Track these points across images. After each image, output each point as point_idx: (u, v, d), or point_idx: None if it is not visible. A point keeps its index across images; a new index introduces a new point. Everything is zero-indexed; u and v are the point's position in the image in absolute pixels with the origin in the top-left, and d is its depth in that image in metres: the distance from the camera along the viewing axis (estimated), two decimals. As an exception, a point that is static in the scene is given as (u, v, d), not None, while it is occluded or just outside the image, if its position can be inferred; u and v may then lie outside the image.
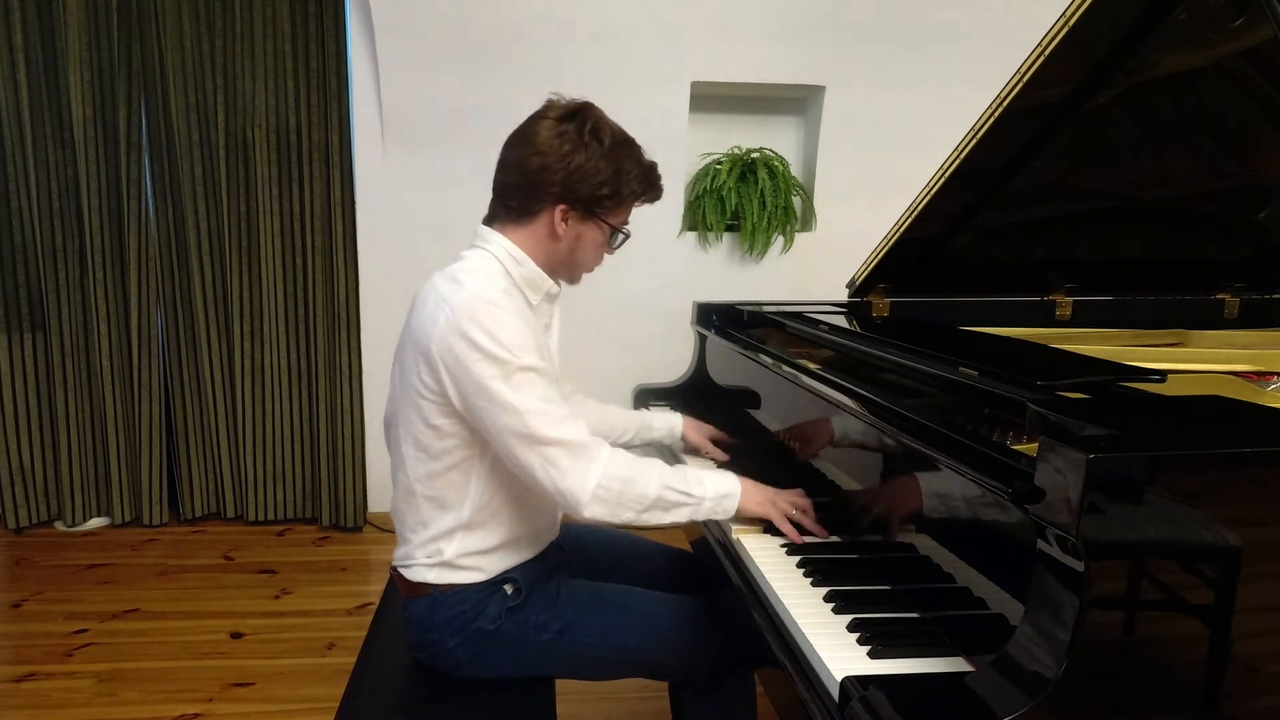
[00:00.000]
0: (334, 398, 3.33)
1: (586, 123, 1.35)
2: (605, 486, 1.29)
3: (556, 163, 1.33)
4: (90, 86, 3.02)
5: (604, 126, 1.36)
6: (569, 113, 1.36)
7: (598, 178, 1.34)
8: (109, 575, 2.98)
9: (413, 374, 1.34)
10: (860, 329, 1.83)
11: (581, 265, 1.46)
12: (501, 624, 1.41)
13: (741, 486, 1.41)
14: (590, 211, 1.38)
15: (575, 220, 1.38)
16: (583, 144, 1.33)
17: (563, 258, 1.42)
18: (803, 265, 3.34)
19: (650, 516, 1.33)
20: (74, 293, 3.18)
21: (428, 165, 3.19)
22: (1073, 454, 0.84)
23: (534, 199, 1.36)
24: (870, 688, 0.94)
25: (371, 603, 2.75)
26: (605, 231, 1.42)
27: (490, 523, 1.41)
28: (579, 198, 1.35)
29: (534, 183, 1.34)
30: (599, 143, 1.34)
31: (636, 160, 1.40)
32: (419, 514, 1.41)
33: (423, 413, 1.34)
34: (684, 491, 1.35)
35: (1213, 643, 0.90)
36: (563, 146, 1.33)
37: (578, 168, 1.33)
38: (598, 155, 1.34)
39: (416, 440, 1.37)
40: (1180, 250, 2.02)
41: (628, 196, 1.40)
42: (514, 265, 1.39)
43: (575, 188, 1.34)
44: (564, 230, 1.37)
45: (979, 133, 1.57)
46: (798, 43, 3.11)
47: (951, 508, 1.12)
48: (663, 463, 1.37)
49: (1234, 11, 1.39)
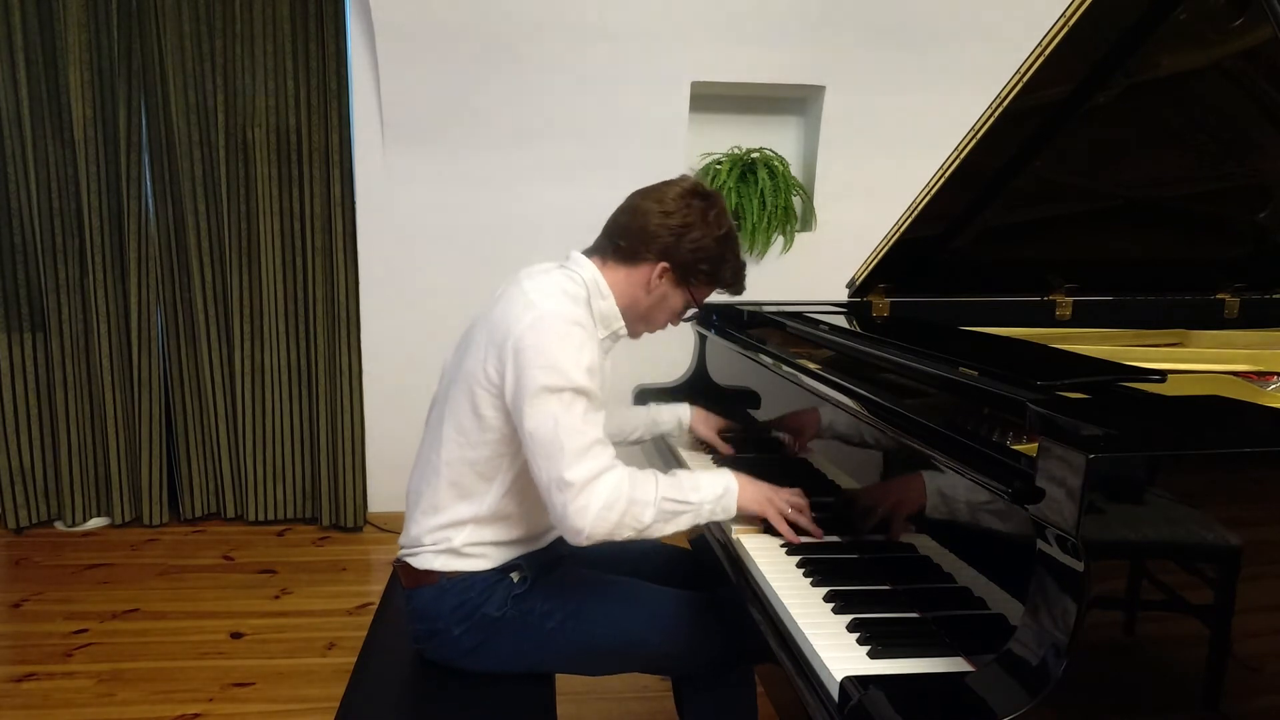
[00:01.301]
0: (334, 398, 3.33)
1: (713, 207, 1.47)
2: (608, 510, 1.31)
3: (676, 225, 1.44)
4: (90, 86, 3.02)
5: (725, 216, 1.49)
6: (702, 192, 1.48)
7: (703, 253, 1.46)
8: (109, 575, 2.98)
9: (478, 360, 1.38)
10: (860, 329, 1.83)
11: (651, 323, 1.55)
12: (506, 611, 1.43)
13: (738, 484, 1.43)
14: (684, 279, 1.48)
15: (669, 281, 1.47)
16: (704, 220, 1.45)
17: (641, 311, 1.51)
18: (803, 265, 3.34)
19: (653, 531, 1.36)
20: (74, 293, 3.18)
21: (428, 165, 3.19)
22: (1073, 454, 0.84)
23: (643, 247, 1.45)
24: (870, 688, 0.94)
25: (371, 603, 2.75)
26: (686, 302, 1.52)
27: (504, 521, 1.44)
28: (681, 263, 1.46)
29: (649, 235, 1.45)
30: (717, 226, 1.47)
31: (736, 255, 1.52)
32: (436, 496, 1.44)
33: (474, 399, 1.38)
34: (682, 500, 1.38)
35: (1213, 643, 0.90)
36: (687, 216, 1.44)
37: (692, 239, 1.44)
38: (712, 235, 1.46)
39: (459, 424, 1.41)
40: (1180, 250, 2.02)
41: (719, 281, 1.52)
42: (598, 297, 1.46)
43: (683, 254, 1.45)
44: (655, 286, 1.47)
45: (979, 133, 1.57)
46: (798, 43, 3.11)
47: (951, 508, 1.12)
48: (659, 474, 1.39)
49: (1234, 11, 1.38)
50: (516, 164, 3.20)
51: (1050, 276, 2.02)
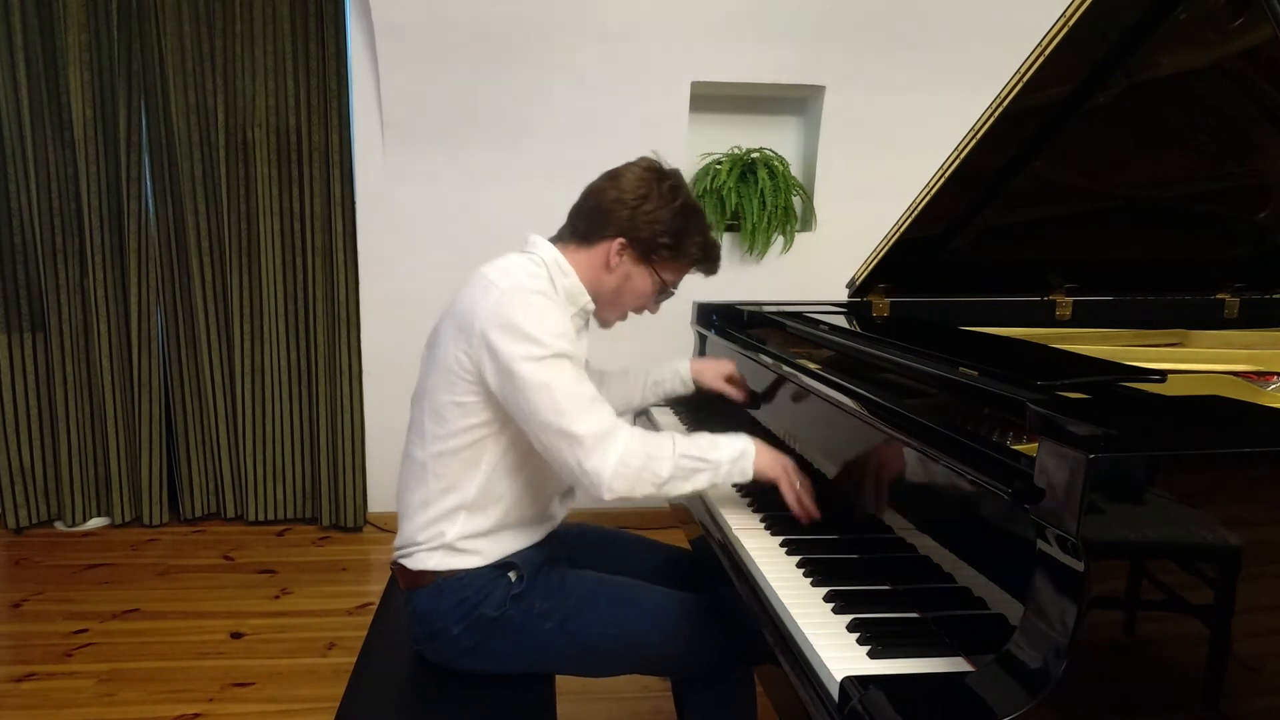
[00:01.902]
0: (334, 398, 3.33)
1: (668, 180, 1.47)
2: (625, 463, 1.32)
3: (630, 199, 1.44)
4: (90, 86, 3.02)
5: (683, 190, 1.49)
6: (658, 169, 1.48)
7: (660, 225, 1.45)
8: (109, 575, 2.98)
9: (449, 350, 1.38)
10: (860, 329, 1.83)
11: (621, 306, 1.54)
12: (505, 611, 1.42)
13: (755, 448, 1.43)
14: (646, 255, 1.48)
15: (630, 259, 1.47)
16: (658, 193, 1.45)
17: (607, 293, 1.50)
18: (803, 265, 3.34)
19: (671, 488, 1.37)
20: (74, 293, 3.18)
21: (428, 165, 3.19)
22: (1073, 454, 0.84)
23: (600, 226, 1.46)
24: (870, 688, 0.94)
25: (371, 603, 2.75)
26: (653, 282, 1.50)
27: (492, 506, 1.44)
28: (639, 237, 1.46)
29: (605, 212, 1.45)
30: (673, 197, 1.46)
31: (701, 229, 1.51)
32: (425, 491, 1.44)
33: (452, 388, 1.39)
34: (700, 458, 1.38)
35: (1213, 643, 0.90)
36: (640, 189, 1.45)
37: (647, 211, 1.44)
38: (668, 207, 1.45)
39: (438, 413, 1.41)
40: (1180, 250, 2.02)
41: (683, 257, 1.50)
42: (559, 274, 1.46)
43: (639, 227, 1.45)
44: (616, 264, 1.47)
45: (979, 133, 1.57)
46: (798, 43, 3.11)
47: (951, 508, 1.12)
48: (678, 434, 1.40)
49: (1234, 11, 1.38)
50: (516, 164, 3.20)
51: (1050, 276, 2.02)
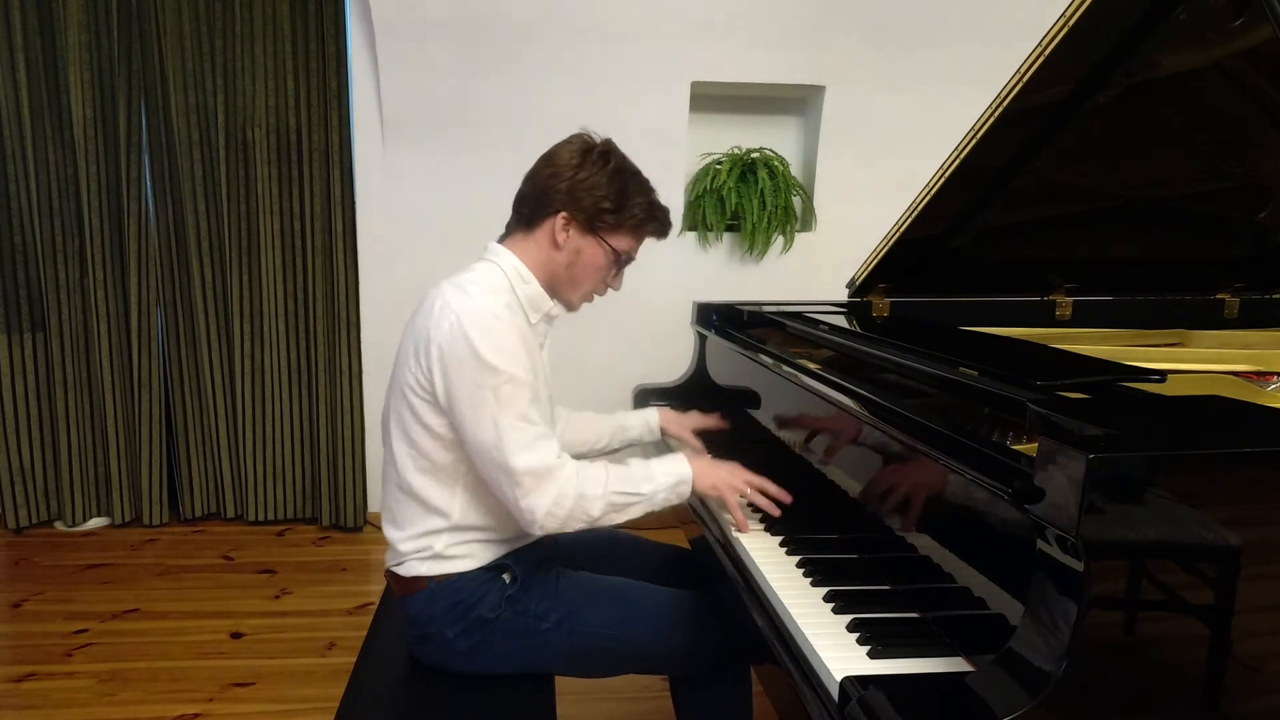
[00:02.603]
0: (334, 398, 3.33)
1: (597, 147, 1.46)
2: (559, 503, 1.34)
3: (565, 172, 1.43)
4: (90, 86, 3.02)
5: (614, 154, 1.46)
6: (589, 141, 1.47)
7: (599, 191, 1.43)
8: (109, 575, 2.98)
9: (409, 372, 1.38)
10: (860, 329, 1.83)
11: (579, 284, 1.50)
12: (501, 613, 1.42)
13: (694, 469, 1.45)
14: (591, 226, 1.45)
15: (576, 232, 1.45)
16: (591, 162, 1.44)
17: (562, 272, 1.47)
18: (803, 265, 3.34)
19: (603, 522, 1.40)
20: (74, 293, 3.18)
21: (428, 165, 3.19)
22: (1073, 454, 0.84)
23: (541, 206, 1.44)
24: (870, 688, 0.94)
25: (371, 603, 2.75)
26: (605, 253, 1.47)
27: (480, 520, 1.44)
28: (581, 208, 1.43)
29: (542, 190, 1.44)
30: (605, 162, 1.44)
31: (643, 190, 1.48)
32: (406, 511, 1.44)
33: (415, 410, 1.38)
34: (633, 492, 1.40)
35: (1213, 643, 0.90)
36: (573, 160, 1.44)
37: (582, 180, 1.42)
38: (602, 173, 1.43)
39: (408, 438, 1.41)
40: (1180, 250, 2.02)
41: (629, 220, 1.47)
42: (520, 283, 1.46)
43: (579, 198, 1.43)
44: (564, 240, 1.44)
45: (979, 133, 1.57)
46: (798, 43, 3.11)
47: (951, 508, 1.12)
48: (610, 466, 1.41)
49: (1234, 11, 1.38)
50: (516, 164, 3.14)
51: (1050, 276, 2.02)
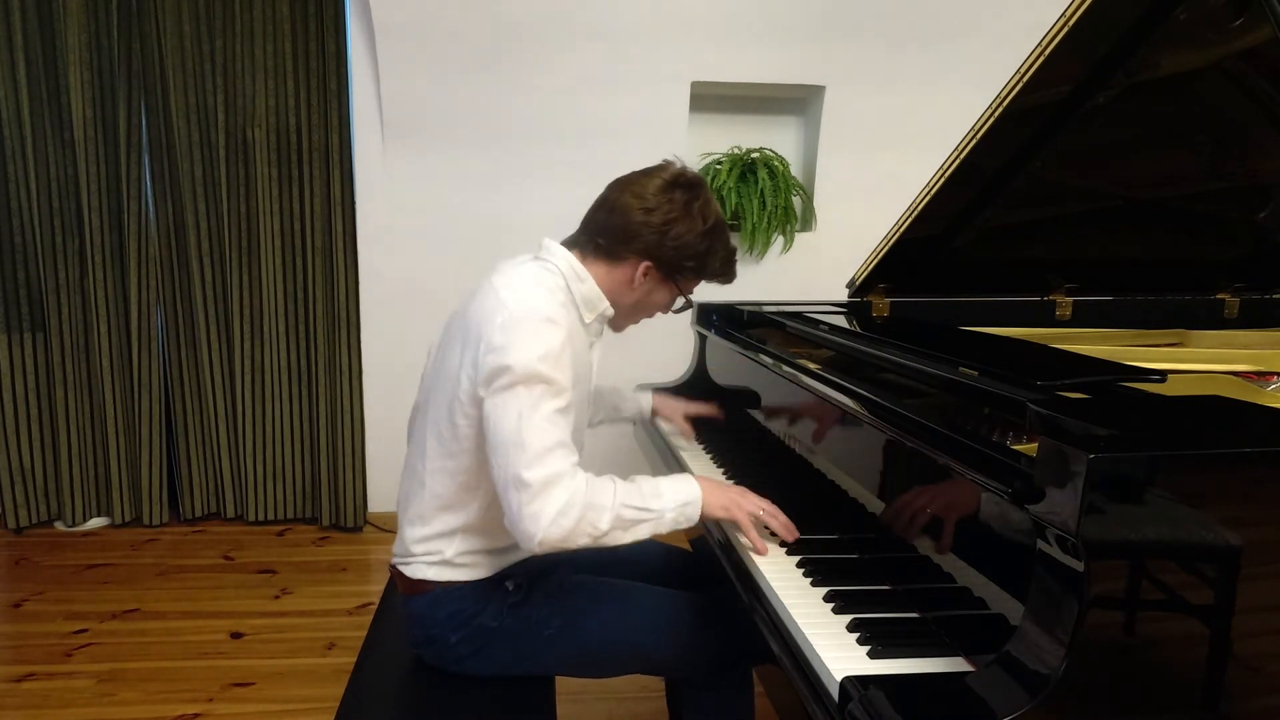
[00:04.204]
0: (334, 398, 3.33)
1: (697, 199, 1.39)
2: (564, 512, 1.26)
3: (659, 223, 1.37)
4: (90, 86, 3.02)
5: (711, 206, 1.41)
6: (685, 181, 1.40)
7: (689, 250, 1.39)
8: (109, 575, 2.98)
9: (455, 365, 1.34)
10: (860, 329, 1.83)
11: (637, 316, 1.51)
12: (504, 620, 1.42)
13: (703, 490, 1.37)
14: (670, 276, 1.43)
15: (654, 279, 1.43)
16: (688, 215, 1.38)
17: (626, 306, 1.46)
18: (803, 265, 3.34)
19: (610, 539, 1.31)
20: (74, 293, 3.18)
21: (428, 165, 3.19)
22: (1073, 454, 0.84)
23: (625, 246, 1.39)
24: (870, 688, 0.94)
25: (371, 603, 2.75)
26: (674, 296, 1.47)
27: (493, 528, 1.41)
28: (665, 261, 1.40)
29: (631, 233, 1.38)
30: (703, 220, 1.39)
31: (724, 243, 1.45)
32: (422, 507, 1.41)
33: (451, 408, 1.35)
34: (642, 508, 1.32)
35: (1213, 643, 0.90)
36: (669, 211, 1.37)
37: (676, 235, 1.38)
38: (697, 231, 1.39)
39: (439, 433, 1.38)
40: (1180, 250, 2.02)
41: (707, 273, 1.46)
42: (576, 281, 1.41)
43: (667, 251, 1.39)
44: (640, 283, 1.42)
45: (979, 133, 1.57)
46: (798, 43, 3.11)
47: (951, 508, 1.12)
48: (619, 480, 1.34)
49: (1234, 11, 1.38)
50: (516, 164, 3.20)
51: (1050, 276, 2.02)
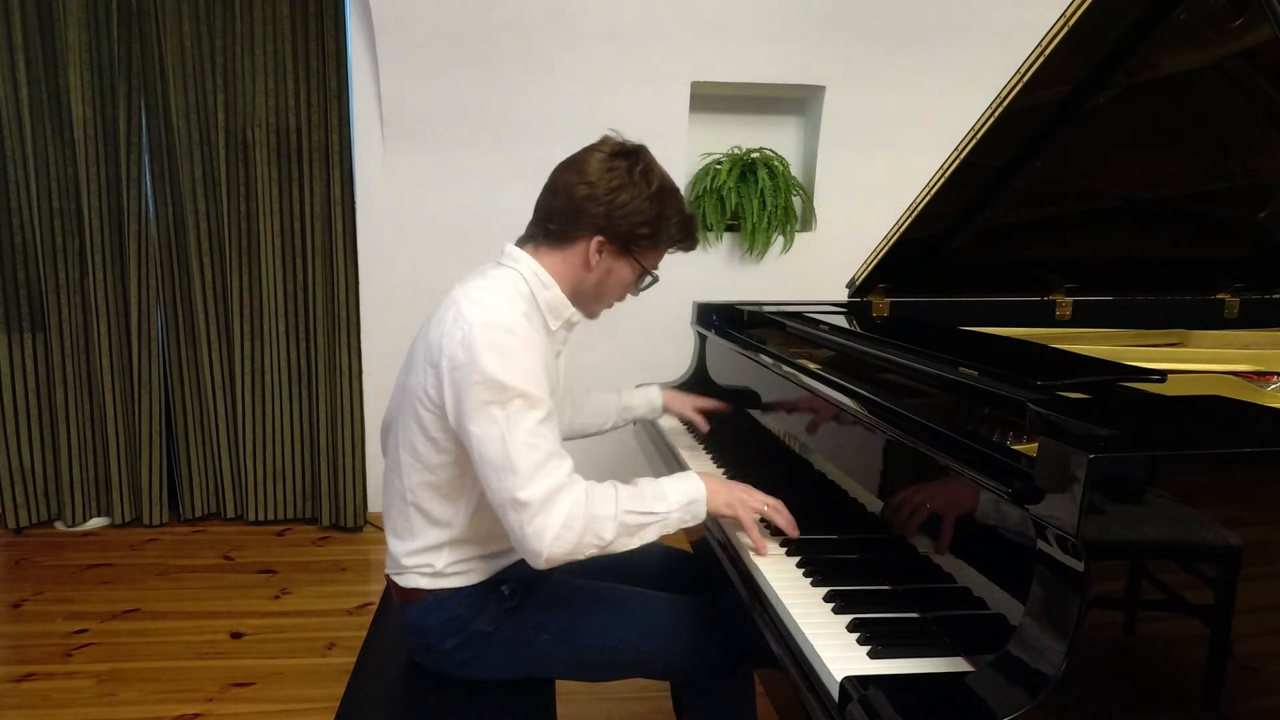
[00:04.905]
0: (334, 398, 3.33)
1: (638, 164, 1.37)
2: (568, 525, 1.24)
3: (603, 194, 1.35)
4: (90, 86, 3.02)
5: (654, 170, 1.39)
6: (623, 150, 1.38)
7: (638, 216, 1.36)
8: (109, 575, 2.98)
9: (419, 383, 1.33)
10: (860, 329, 1.83)
11: (605, 299, 1.48)
12: (500, 625, 1.41)
13: (707, 488, 1.36)
14: (626, 248, 1.40)
15: (609, 254, 1.39)
16: (631, 182, 1.36)
17: (589, 290, 1.43)
18: (803, 265, 3.34)
19: (616, 546, 1.29)
20: (74, 293, 3.18)
21: (428, 165, 3.19)
22: (1073, 454, 0.84)
23: (574, 226, 1.37)
24: (870, 688, 0.94)
25: (371, 603, 2.75)
26: (635, 271, 1.44)
27: (482, 537, 1.40)
28: (617, 232, 1.37)
29: (577, 210, 1.36)
30: (646, 184, 1.36)
31: (678, 209, 1.42)
32: (407, 522, 1.40)
33: (422, 423, 1.33)
34: (646, 511, 1.31)
35: (1213, 643, 0.90)
36: (611, 180, 1.35)
37: (622, 204, 1.35)
38: (643, 195, 1.36)
39: (414, 449, 1.36)
40: (1180, 250, 2.02)
41: (664, 241, 1.42)
42: (540, 289, 1.39)
43: (616, 222, 1.36)
44: (596, 262, 1.39)
45: (979, 133, 1.57)
46: (798, 43, 3.11)
47: (951, 507, 1.12)
48: (620, 485, 1.32)
49: (1234, 11, 1.38)
50: (517, 164, 3.18)
51: (1050, 276, 2.02)
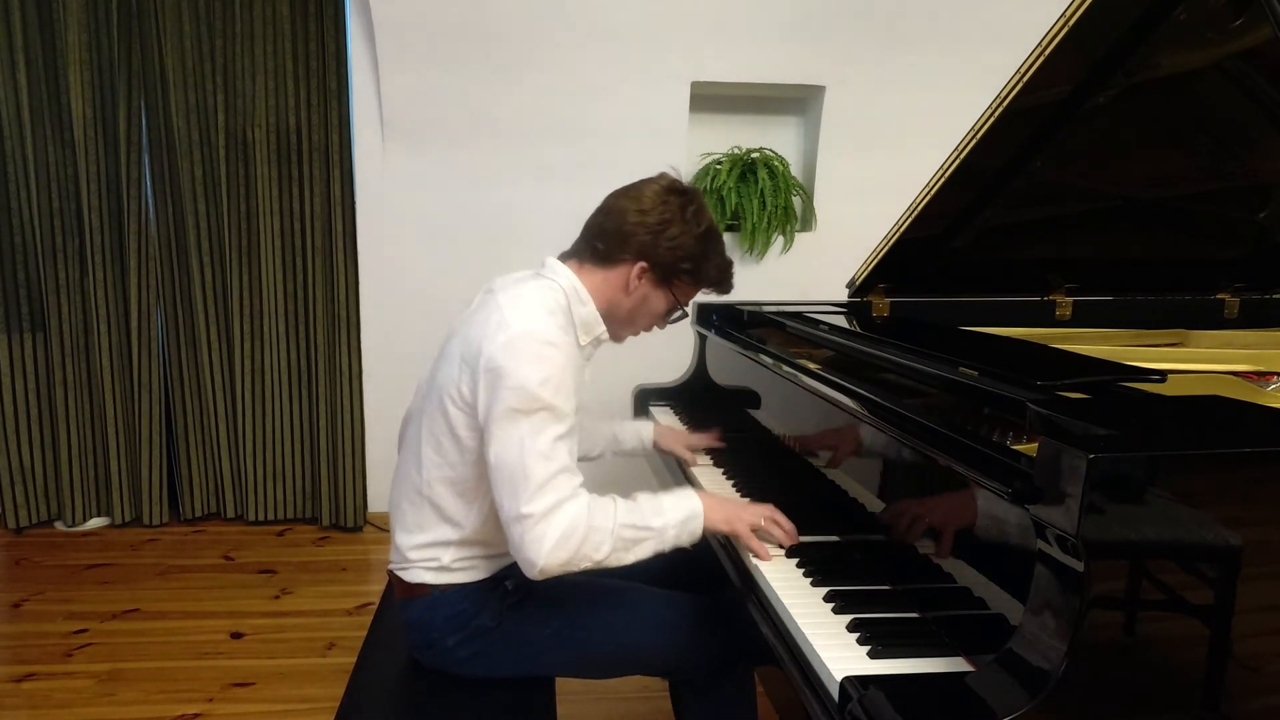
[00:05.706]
0: (334, 398, 3.33)
1: (691, 203, 1.43)
2: (567, 535, 1.26)
3: (654, 223, 1.40)
4: (90, 86, 3.02)
5: (704, 213, 1.45)
6: (679, 189, 1.44)
7: (683, 251, 1.42)
8: (109, 575, 2.98)
9: (452, 378, 1.34)
10: (860, 329, 1.83)
11: (635, 325, 1.51)
12: (502, 621, 1.42)
13: (705, 505, 1.38)
14: (666, 279, 1.44)
15: (649, 282, 1.44)
16: (682, 218, 1.41)
17: (623, 313, 1.47)
18: (803, 265, 3.34)
19: (612, 561, 1.31)
20: (74, 293, 3.18)
21: (428, 165, 3.19)
22: (1073, 454, 0.84)
23: (621, 249, 1.42)
24: (870, 688, 0.94)
25: (371, 603, 2.75)
26: (669, 303, 1.48)
27: (490, 536, 1.41)
28: (660, 262, 1.42)
29: (626, 234, 1.41)
30: (697, 223, 1.42)
31: (720, 253, 1.48)
32: (419, 516, 1.41)
33: (450, 419, 1.35)
34: (643, 526, 1.33)
35: (1213, 643, 0.90)
36: (664, 212, 1.40)
37: (671, 236, 1.40)
38: (692, 234, 1.42)
39: (438, 443, 1.38)
40: (1180, 250, 2.02)
41: (702, 280, 1.48)
42: (577, 303, 1.42)
43: (662, 253, 1.41)
44: (635, 287, 1.43)
45: (979, 133, 1.57)
46: (798, 43, 3.11)
47: (951, 508, 1.12)
48: (620, 499, 1.34)
49: (1234, 11, 1.38)
50: (516, 164, 3.20)
51: (1050, 276, 2.02)
